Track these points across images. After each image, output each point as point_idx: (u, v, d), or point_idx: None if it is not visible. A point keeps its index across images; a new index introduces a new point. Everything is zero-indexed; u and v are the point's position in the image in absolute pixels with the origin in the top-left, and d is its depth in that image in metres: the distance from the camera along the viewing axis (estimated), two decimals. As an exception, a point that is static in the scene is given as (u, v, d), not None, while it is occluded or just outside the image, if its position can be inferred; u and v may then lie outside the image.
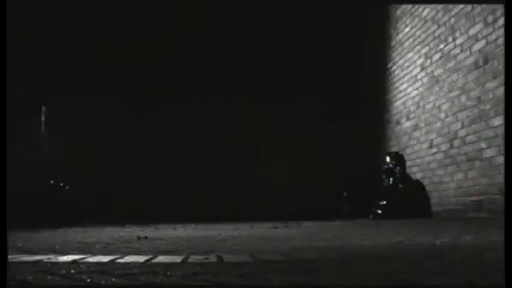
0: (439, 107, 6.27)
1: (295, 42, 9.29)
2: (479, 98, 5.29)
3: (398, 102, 7.66)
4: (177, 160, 8.96)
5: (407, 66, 7.31)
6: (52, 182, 6.46)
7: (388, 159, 6.98)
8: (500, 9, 4.90)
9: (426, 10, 6.67)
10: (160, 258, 1.77)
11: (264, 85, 9.10)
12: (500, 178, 4.87)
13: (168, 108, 9.15)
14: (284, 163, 9.12)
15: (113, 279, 1.27)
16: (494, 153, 5.01)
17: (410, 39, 7.20)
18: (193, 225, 5.45)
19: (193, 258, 1.75)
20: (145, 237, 3.14)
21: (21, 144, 6.18)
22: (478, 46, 5.33)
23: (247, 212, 7.91)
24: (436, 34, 6.35)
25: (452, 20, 5.92)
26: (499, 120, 4.90)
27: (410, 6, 7.23)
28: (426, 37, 6.66)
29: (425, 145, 6.70)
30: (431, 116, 6.49)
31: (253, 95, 8.96)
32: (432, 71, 6.48)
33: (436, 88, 6.35)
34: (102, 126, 9.11)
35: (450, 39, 5.97)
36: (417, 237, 2.56)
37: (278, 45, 8.92)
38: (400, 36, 7.62)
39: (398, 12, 7.71)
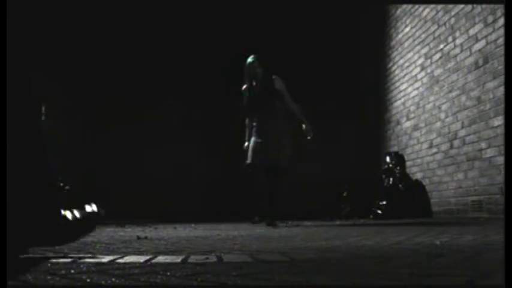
0: (439, 107, 6.27)
1: (294, 42, 9.28)
2: (479, 98, 5.29)
3: (398, 102, 7.66)
4: (177, 160, 8.96)
5: (407, 66, 7.31)
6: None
7: (388, 159, 6.98)
8: (500, 9, 4.90)
9: (426, 10, 6.67)
10: (160, 258, 1.77)
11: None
12: (500, 178, 4.87)
13: (172, 107, 9.15)
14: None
15: (113, 279, 1.27)
16: (494, 153, 5.01)
17: (410, 39, 7.20)
18: (193, 225, 5.44)
19: (193, 258, 1.75)
20: (145, 237, 3.14)
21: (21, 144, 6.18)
22: (478, 46, 5.33)
23: (247, 211, 7.90)
24: (436, 34, 6.35)
25: (452, 20, 5.92)
26: (499, 120, 4.91)
27: (410, 6, 7.23)
28: (426, 37, 6.65)
29: (425, 145, 6.70)
30: (431, 116, 6.49)
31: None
32: (432, 71, 6.48)
33: (436, 88, 6.35)
34: (102, 125, 9.11)
35: (450, 39, 5.97)
36: (417, 237, 2.56)
37: (277, 45, 8.91)
38: (400, 36, 7.62)
39: (398, 12, 7.71)
